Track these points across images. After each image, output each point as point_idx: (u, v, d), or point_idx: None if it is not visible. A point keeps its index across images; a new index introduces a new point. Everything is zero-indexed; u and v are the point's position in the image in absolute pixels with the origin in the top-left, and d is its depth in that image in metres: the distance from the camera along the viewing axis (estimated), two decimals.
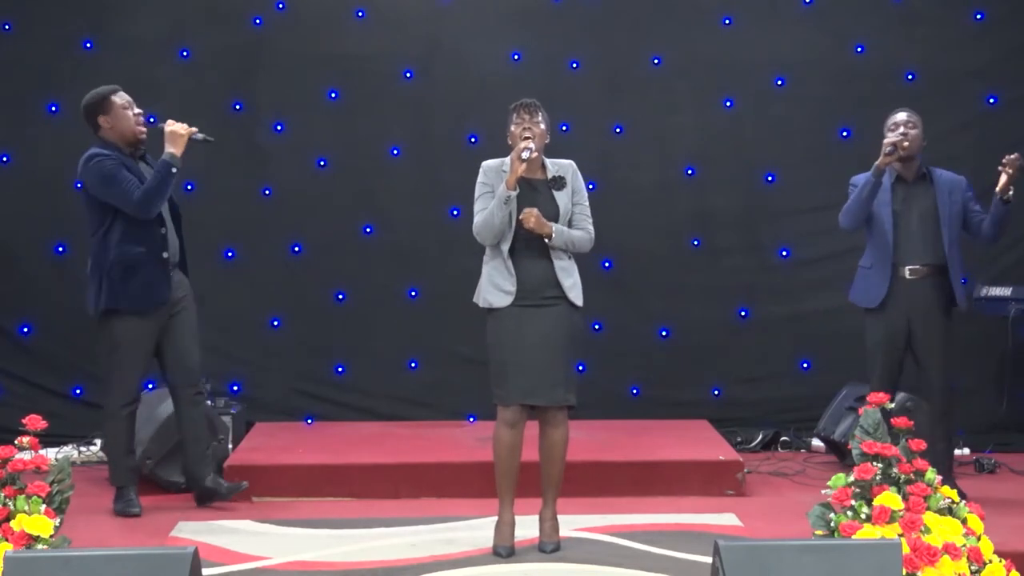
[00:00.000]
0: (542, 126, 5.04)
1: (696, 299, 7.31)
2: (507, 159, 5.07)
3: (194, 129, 5.58)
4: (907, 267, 5.78)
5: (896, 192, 5.82)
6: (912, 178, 5.85)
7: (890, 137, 5.74)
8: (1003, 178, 5.66)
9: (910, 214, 5.80)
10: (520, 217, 4.96)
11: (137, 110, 5.68)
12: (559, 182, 5.07)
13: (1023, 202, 7.15)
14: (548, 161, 5.12)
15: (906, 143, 5.71)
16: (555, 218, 5.01)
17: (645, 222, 7.32)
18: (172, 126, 5.55)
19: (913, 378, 5.93)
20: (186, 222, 5.83)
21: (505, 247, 5.01)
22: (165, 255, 5.61)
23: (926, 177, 5.85)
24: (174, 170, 5.50)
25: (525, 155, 4.90)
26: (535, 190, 5.02)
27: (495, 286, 5.04)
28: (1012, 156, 5.65)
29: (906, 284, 5.77)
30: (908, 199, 5.82)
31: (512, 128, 5.06)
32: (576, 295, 5.07)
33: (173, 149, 5.51)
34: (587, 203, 5.15)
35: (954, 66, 7.29)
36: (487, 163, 5.15)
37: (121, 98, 5.66)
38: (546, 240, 4.98)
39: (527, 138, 4.96)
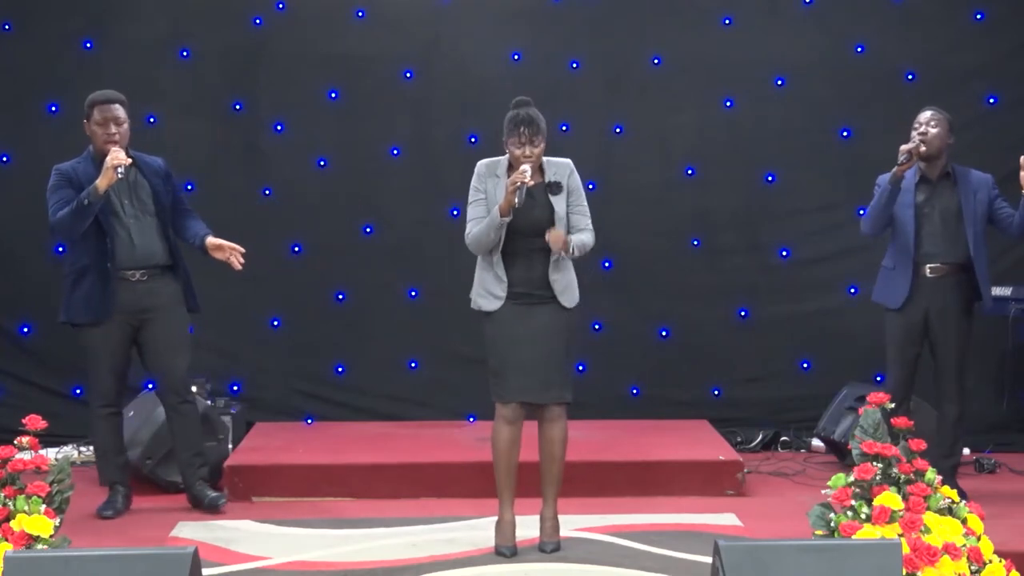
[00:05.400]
0: (541, 146, 4.99)
1: (696, 299, 7.30)
2: (502, 160, 5.07)
3: (121, 161, 5.33)
4: (928, 265, 5.73)
5: (919, 191, 5.75)
6: (936, 177, 5.77)
7: (909, 142, 5.65)
8: None
9: (932, 213, 5.73)
10: (547, 238, 4.94)
11: (112, 130, 5.49)
12: (555, 187, 5.04)
13: None
14: (545, 161, 5.07)
15: (923, 147, 5.63)
16: (551, 223, 5.00)
17: (645, 222, 7.31)
18: (109, 156, 5.35)
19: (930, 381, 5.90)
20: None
21: (496, 251, 5.01)
22: (108, 265, 5.51)
23: (950, 176, 5.77)
24: (86, 202, 5.33)
25: (520, 196, 4.85)
26: (531, 195, 4.97)
27: (486, 291, 5.05)
28: None
29: (927, 282, 5.72)
30: (931, 198, 5.74)
31: (511, 147, 4.99)
32: (568, 298, 5.04)
33: (99, 181, 5.35)
34: (585, 202, 5.12)
35: (954, 66, 7.28)
36: (481, 164, 5.13)
37: (100, 112, 5.51)
38: (563, 255, 4.98)
39: (524, 170, 4.86)
